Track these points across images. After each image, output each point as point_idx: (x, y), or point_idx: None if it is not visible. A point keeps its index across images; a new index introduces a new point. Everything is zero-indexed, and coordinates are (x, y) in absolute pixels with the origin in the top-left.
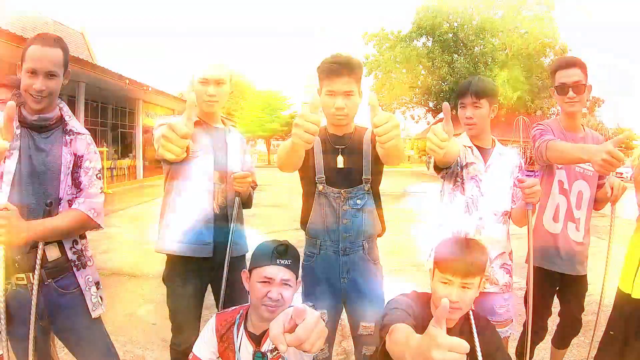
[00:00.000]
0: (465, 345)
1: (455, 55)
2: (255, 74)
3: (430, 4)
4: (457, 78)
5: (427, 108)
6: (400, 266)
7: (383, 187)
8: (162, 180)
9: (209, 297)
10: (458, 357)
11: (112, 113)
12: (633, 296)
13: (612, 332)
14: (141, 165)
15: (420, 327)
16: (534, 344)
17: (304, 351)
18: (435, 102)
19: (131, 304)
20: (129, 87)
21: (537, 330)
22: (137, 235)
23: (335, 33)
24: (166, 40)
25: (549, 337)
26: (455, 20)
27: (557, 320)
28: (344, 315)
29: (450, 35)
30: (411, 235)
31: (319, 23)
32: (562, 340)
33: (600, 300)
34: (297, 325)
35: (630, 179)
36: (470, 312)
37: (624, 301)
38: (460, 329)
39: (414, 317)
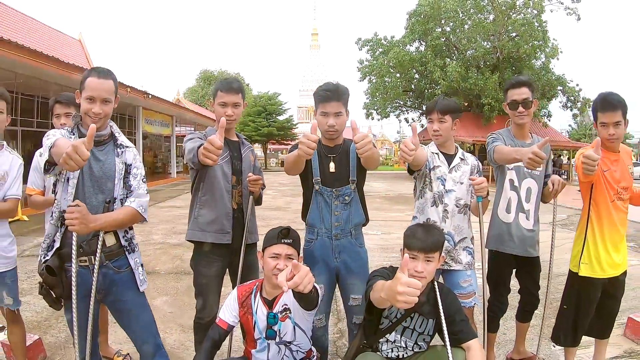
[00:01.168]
0: (418, 283)
1: (448, 60)
2: (252, 79)
3: (423, 10)
4: (449, 82)
5: (420, 111)
6: (392, 262)
7: (380, 189)
8: (161, 185)
9: (223, 290)
10: (414, 291)
11: (112, 119)
12: (580, 274)
13: (565, 306)
14: None
15: None
16: (497, 316)
17: (299, 292)
18: None
19: (147, 297)
20: (130, 95)
21: (499, 305)
22: (144, 237)
23: (330, 38)
24: (165, 43)
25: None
26: (447, 25)
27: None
28: (341, 304)
29: (443, 39)
30: (402, 234)
31: (315, 26)
32: (523, 315)
33: (549, 281)
34: (294, 275)
35: None
36: (435, 283)
37: (574, 279)
38: (427, 295)
39: None
